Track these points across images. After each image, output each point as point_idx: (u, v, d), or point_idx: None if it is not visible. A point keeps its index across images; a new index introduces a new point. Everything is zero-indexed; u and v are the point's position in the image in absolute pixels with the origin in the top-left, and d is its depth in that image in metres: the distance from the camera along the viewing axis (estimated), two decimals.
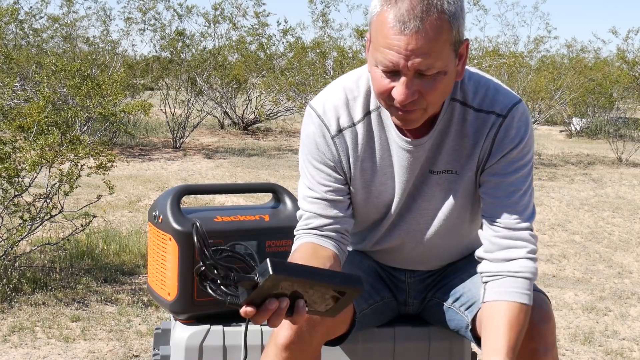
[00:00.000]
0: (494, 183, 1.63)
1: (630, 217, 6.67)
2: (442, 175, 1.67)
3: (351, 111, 1.65)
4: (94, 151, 4.02)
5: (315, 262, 1.57)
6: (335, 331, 1.69)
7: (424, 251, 1.81)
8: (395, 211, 1.73)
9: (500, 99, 1.62)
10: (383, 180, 1.69)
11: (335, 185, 1.68)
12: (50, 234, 4.70)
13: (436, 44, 1.41)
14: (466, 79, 1.62)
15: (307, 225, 1.68)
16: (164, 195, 2.06)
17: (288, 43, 13.07)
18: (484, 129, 1.62)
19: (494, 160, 1.63)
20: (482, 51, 13.11)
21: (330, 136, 1.66)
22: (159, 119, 12.28)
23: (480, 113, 1.62)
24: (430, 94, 1.48)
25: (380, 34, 1.44)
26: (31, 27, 12.02)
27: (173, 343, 1.98)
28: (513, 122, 1.61)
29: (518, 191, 1.63)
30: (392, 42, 1.41)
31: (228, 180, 7.98)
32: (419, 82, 1.45)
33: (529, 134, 1.63)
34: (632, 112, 17.39)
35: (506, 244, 1.61)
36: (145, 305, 3.63)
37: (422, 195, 1.70)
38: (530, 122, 1.65)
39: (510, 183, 1.63)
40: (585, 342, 3.42)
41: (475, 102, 1.62)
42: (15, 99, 8.45)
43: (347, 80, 1.68)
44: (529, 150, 1.63)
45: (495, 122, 1.61)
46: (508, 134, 1.61)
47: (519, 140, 1.61)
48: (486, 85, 1.63)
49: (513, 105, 1.61)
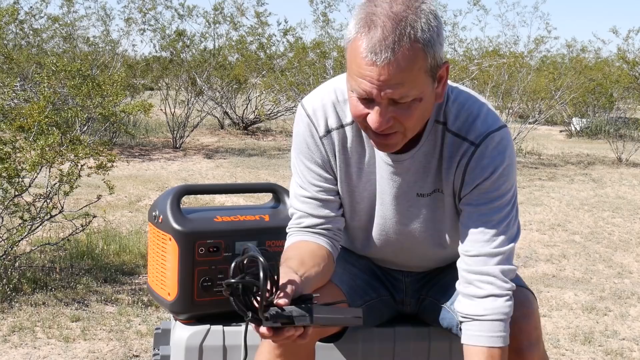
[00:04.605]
0: (467, 212, 1.60)
1: (630, 217, 6.66)
2: (429, 197, 1.65)
3: (340, 113, 1.64)
4: (94, 151, 4.02)
5: (310, 261, 1.57)
6: (329, 329, 1.70)
7: (417, 259, 1.82)
8: (379, 224, 1.72)
9: (478, 125, 1.56)
10: (366, 187, 1.68)
11: (325, 185, 1.68)
12: (50, 234, 4.70)
13: (409, 74, 1.39)
14: (450, 101, 1.58)
15: (299, 224, 1.69)
16: (164, 195, 2.06)
17: (288, 43, 13.07)
18: (456, 155, 1.58)
19: (467, 190, 1.59)
20: (482, 51, 13.11)
21: (319, 136, 1.65)
22: (159, 119, 12.28)
23: (457, 138, 1.57)
24: (406, 120, 1.45)
25: (353, 62, 1.42)
26: (31, 27, 12.02)
27: (173, 343, 1.98)
28: (486, 151, 1.55)
29: (490, 222, 1.57)
30: (364, 72, 1.39)
31: (228, 180, 7.98)
32: (394, 109, 1.43)
33: (506, 164, 1.55)
34: (632, 112, 17.40)
35: (473, 279, 1.58)
36: (145, 305, 3.63)
37: (411, 216, 1.69)
38: (510, 149, 1.57)
39: (483, 214, 1.57)
40: (585, 342, 3.42)
41: (454, 127, 1.57)
42: (15, 99, 8.45)
43: (340, 81, 1.65)
44: (505, 180, 1.56)
45: (468, 151, 1.56)
46: (480, 163, 1.56)
47: (492, 171, 1.55)
48: (469, 110, 1.58)
49: (489, 134, 1.55)
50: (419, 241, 1.73)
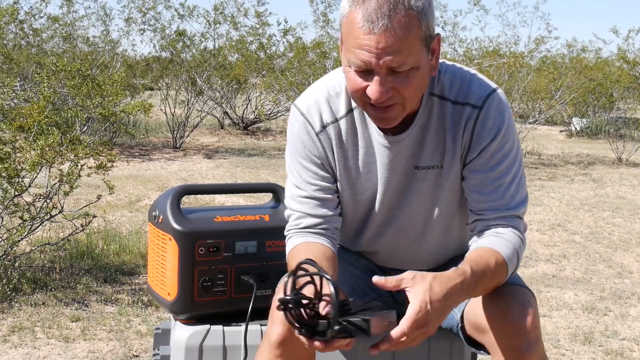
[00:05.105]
0: (478, 179, 1.63)
1: (630, 217, 6.66)
2: (428, 171, 1.67)
3: (333, 107, 1.66)
4: (94, 151, 4.02)
5: (326, 264, 1.58)
6: None
7: (418, 249, 1.80)
8: (382, 208, 1.72)
9: (475, 89, 1.61)
10: (368, 177, 1.69)
11: (323, 184, 1.68)
12: (50, 234, 4.70)
13: (406, 41, 1.43)
14: (442, 73, 1.62)
15: (297, 225, 1.69)
16: (164, 195, 2.06)
17: (288, 43, 13.07)
18: (461, 121, 1.61)
19: (474, 153, 1.62)
20: (483, 51, 13.10)
21: (315, 133, 1.67)
22: (159, 119, 12.28)
23: (457, 105, 1.61)
24: (404, 90, 1.48)
25: (350, 34, 1.45)
26: (31, 27, 12.02)
27: (173, 343, 1.98)
28: (489, 112, 1.60)
29: (503, 184, 1.62)
30: (362, 42, 1.43)
31: (228, 180, 7.98)
32: (393, 78, 1.46)
33: (507, 122, 1.61)
34: (632, 112, 17.39)
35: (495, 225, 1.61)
36: (145, 305, 3.63)
37: (410, 191, 1.70)
38: (508, 109, 1.63)
39: (495, 178, 1.62)
40: (585, 342, 3.42)
41: (451, 95, 1.62)
42: (15, 99, 8.45)
43: (330, 77, 1.69)
44: (508, 138, 1.61)
45: (472, 114, 1.60)
46: (485, 125, 1.60)
47: (496, 131, 1.60)
48: (462, 77, 1.63)
49: (488, 95, 1.60)
50: (419, 222, 1.73)
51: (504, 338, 1.57)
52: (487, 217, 1.62)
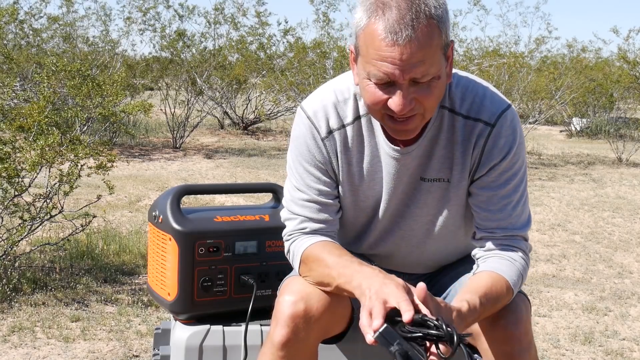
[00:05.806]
0: (486, 197, 1.63)
1: (630, 217, 6.66)
2: (434, 183, 1.66)
3: (341, 113, 1.64)
4: (94, 151, 4.02)
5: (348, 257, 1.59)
6: (332, 330, 1.69)
7: (419, 255, 1.80)
8: (385, 216, 1.72)
9: (488, 105, 1.59)
10: (371, 185, 1.68)
11: (324, 188, 1.67)
12: (50, 234, 4.70)
13: (429, 51, 1.41)
14: (454, 85, 1.60)
15: (303, 229, 1.67)
16: (164, 195, 2.06)
17: (288, 43, 13.08)
18: (472, 137, 1.60)
19: (483, 171, 1.61)
20: (483, 51, 13.11)
21: (321, 138, 1.65)
22: (159, 119, 12.28)
23: (469, 120, 1.59)
24: (426, 100, 1.46)
25: (370, 46, 1.42)
26: (31, 27, 12.03)
27: (173, 343, 1.98)
28: (502, 130, 1.58)
29: (510, 203, 1.62)
30: (384, 54, 1.40)
31: (228, 180, 7.98)
32: (415, 89, 1.44)
33: (518, 142, 1.60)
34: (632, 112, 17.38)
35: (502, 245, 1.62)
36: (145, 305, 3.63)
37: (415, 202, 1.69)
38: (519, 128, 1.62)
39: (503, 196, 1.61)
40: (585, 342, 3.42)
41: (463, 109, 1.60)
42: (15, 99, 8.45)
43: (339, 82, 1.67)
44: (518, 158, 1.61)
45: (484, 131, 1.59)
46: (497, 143, 1.59)
47: (507, 150, 1.59)
48: (474, 91, 1.60)
49: (502, 113, 1.59)
50: (422, 232, 1.73)
51: (496, 344, 1.58)
52: (495, 235, 1.63)
